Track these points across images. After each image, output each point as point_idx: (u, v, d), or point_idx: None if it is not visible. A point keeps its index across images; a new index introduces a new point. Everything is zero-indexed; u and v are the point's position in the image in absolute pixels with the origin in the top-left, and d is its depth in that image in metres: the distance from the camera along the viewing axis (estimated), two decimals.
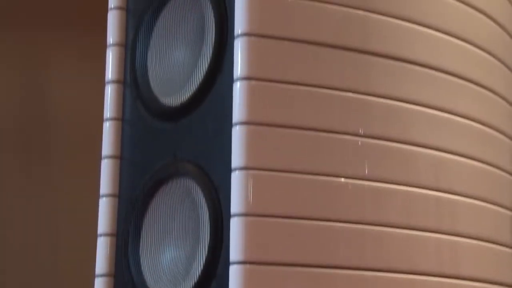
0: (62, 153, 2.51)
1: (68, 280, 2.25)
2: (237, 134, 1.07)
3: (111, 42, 1.31)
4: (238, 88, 1.08)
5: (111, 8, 1.32)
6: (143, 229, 1.20)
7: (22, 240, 2.29)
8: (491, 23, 1.37)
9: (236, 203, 1.05)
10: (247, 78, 1.08)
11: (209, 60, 1.14)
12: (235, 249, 1.04)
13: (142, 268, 1.19)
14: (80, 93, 2.63)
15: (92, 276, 1.27)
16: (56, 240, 2.32)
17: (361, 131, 1.14)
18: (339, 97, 1.13)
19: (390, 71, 1.18)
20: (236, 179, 1.06)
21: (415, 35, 1.22)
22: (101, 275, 1.24)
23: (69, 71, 2.71)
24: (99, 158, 1.30)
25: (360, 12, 1.16)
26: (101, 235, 1.26)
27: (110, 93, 1.30)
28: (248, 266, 1.03)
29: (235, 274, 1.03)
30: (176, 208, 1.18)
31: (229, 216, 1.06)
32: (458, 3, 1.29)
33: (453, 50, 1.28)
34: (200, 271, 1.09)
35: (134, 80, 1.26)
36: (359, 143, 1.14)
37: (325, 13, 1.14)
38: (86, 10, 2.87)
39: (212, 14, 1.15)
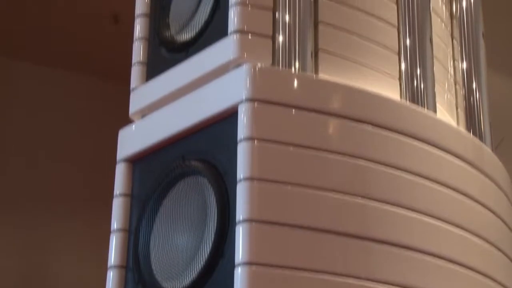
0: None
1: None
2: None
3: (115, 228, 1.33)
4: (239, 274, 1.09)
5: (116, 195, 1.36)
6: None
7: None
8: (490, 213, 1.39)
9: None
10: (248, 263, 1.09)
11: (211, 245, 1.16)
12: None
13: None
14: (81, 279, 2.62)
15: None
16: None
17: None
18: (340, 284, 1.13)
19: (390, 257, 1.19)
20: None
21: (413, 222, 1.24)
22: None
23: (70, 256, 2.71)
24: None
25: (359, 200, 1.19)
26: None
27: (112, 278, 1.30)
28: None
29: None
30: None
31: None
32: (456, 194, 1.32)
33: (451, 238, 1.29)
34: None
35: (136, 264, 1.27)
36: None
37: (324, 200, 1.16)
38: (88, 197, 2.92)
39: (215, 201, 1.18)
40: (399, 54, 1.38)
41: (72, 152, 3.19)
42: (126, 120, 1.42)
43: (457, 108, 1.52)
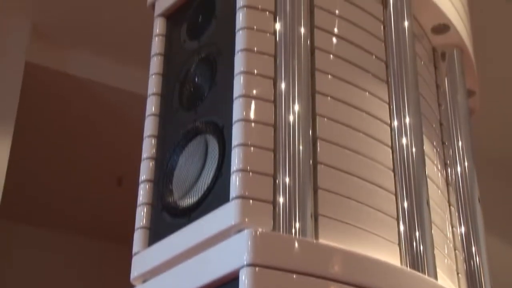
0: None
1: None
2: None
3: None
4: None
5: None
6: None
7: None
8: None
9: None
10: None
11: None
12: None
13: None
14: None
15: None
16: None
17: None
18: None
19: None
20: None
21: None
22: None
23: None
24: None
25: None
26: None
27: None
28: None
29: None
30: None
31: None
32: None
33: None
34: None
35: None
36: None
37: None
38: None
39: None
40: (397, 217, 1.40)
41: None
42: (127, 285, 1.42)
43: (458, 274, 1.52)
